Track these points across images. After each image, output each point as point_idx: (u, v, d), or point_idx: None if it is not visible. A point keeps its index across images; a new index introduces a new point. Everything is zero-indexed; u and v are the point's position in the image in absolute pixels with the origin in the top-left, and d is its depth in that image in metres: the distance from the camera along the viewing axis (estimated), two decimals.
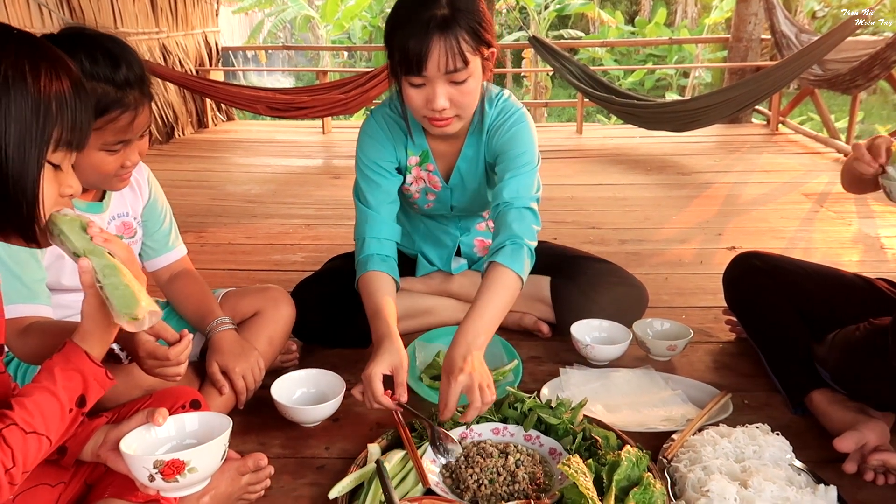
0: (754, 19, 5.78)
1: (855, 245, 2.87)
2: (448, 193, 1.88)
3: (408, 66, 1.50)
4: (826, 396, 1.53)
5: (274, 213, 3.43)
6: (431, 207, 1.93)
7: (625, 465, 1.21)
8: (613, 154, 4.83)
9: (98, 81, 1.22)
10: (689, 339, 1.82)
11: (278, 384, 1.58)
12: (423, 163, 1.82)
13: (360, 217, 1.79)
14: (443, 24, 1.47)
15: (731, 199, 3.65)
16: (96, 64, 1.22)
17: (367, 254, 1.73)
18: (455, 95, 1.54)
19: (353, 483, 1.27)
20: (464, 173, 1.85)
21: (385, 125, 1.78)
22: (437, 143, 1.80)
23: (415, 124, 1.76)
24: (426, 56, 1.47)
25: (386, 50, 1.57)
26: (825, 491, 1.22)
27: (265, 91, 5.22)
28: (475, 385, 1.35)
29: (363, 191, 1.79)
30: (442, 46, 1.47)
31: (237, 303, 1.71)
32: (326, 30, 13.10)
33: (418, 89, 1.54)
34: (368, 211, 1.77)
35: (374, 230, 1.76)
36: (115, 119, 1.25)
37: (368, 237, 1.75)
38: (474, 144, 1.81)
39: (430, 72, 1.49)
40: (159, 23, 5.39)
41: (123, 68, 1.26)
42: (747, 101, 4.51)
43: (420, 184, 1.86)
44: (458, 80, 1.52)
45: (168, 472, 0.97)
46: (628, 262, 2.63)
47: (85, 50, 1.23)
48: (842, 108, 7.82)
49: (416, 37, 1.46)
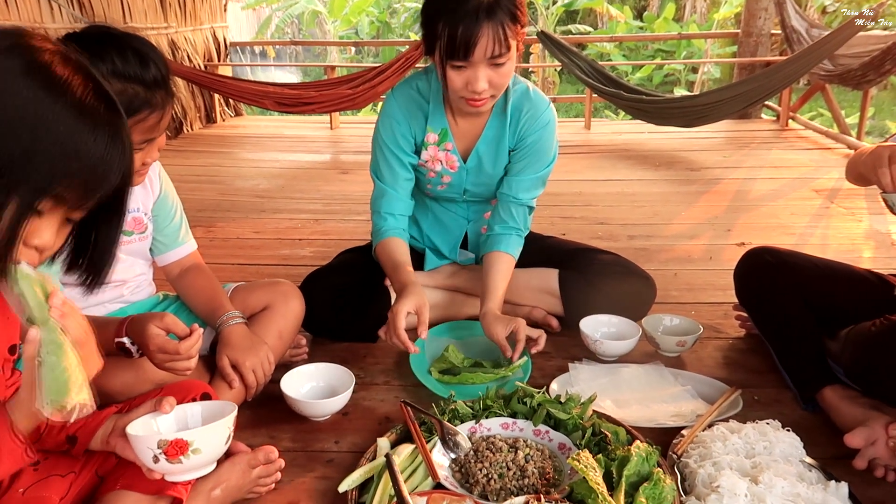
0: (764, 14, 5.73)
1: (866, 241, 2.85)
2: (464, 175, 1.90)
3: (454, 51, 1.57)
4: (837, 392, 1.52)
5: (282, 208, 3.44)
6: (444, 189, 1.94)
7: (635, 460, 1.21)
8: (622, 149, 4.81)
9: (129, 82, 1.22)
10: (699, 334, 1.82)
11: (288, 378, 1.58)
12: (441, 141, 1.84)
13: (377, 192, 1.90)
14: (489, 11, 1.54)
15: (741, 195, 3.63)
16: (127, 64, 1.22)
17: (383, 227, 1.87)
18: (494, 77, 1.63)
19: (363, 477, 1.27)
20: (482, 155, 1.87)
21: (404, 103, 1.83)
22: (458, 122, 1.84)
23: (437, 102, 1.82)
24: (474, 43, 1.55)
25: (424, 31, 1.65)
26: (836, 487, 1.21)
27: (273, 86, 5.22)
28: (519, 324, 1.68)
29: (380, 167, 1.88)
30: (490, 34, 1.54)
31: (247, 297, 1.71)
32: (334, 25, 13.09)
33: (459, 71, 1.62)
34: (384, 187, 1.88)
35: (390, 206, 1.87)
36: (144, 119, 1.26)
37: (384, 212, 1.87)
38: (496, 126, 1.84)
39: (476, 57, 1.57)
40: (168, 18, 5.39)
41: (152, 68, 1.26)
42: (757, 97, 4.48)
43: (436, 164, 1.88)
44: (500, 62, 1.60)
45: (172, 452, 0.97)
46: (637, 257, 2.60)
47: (116, 49, 1.23)
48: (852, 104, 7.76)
49: (465, 24, 1.54)
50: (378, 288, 1.95)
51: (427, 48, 1.68)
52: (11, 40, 0.80)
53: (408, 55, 5.18)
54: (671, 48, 11.49)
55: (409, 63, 5.19)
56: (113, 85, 1.20)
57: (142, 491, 1.04)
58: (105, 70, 1.20)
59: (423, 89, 1.83)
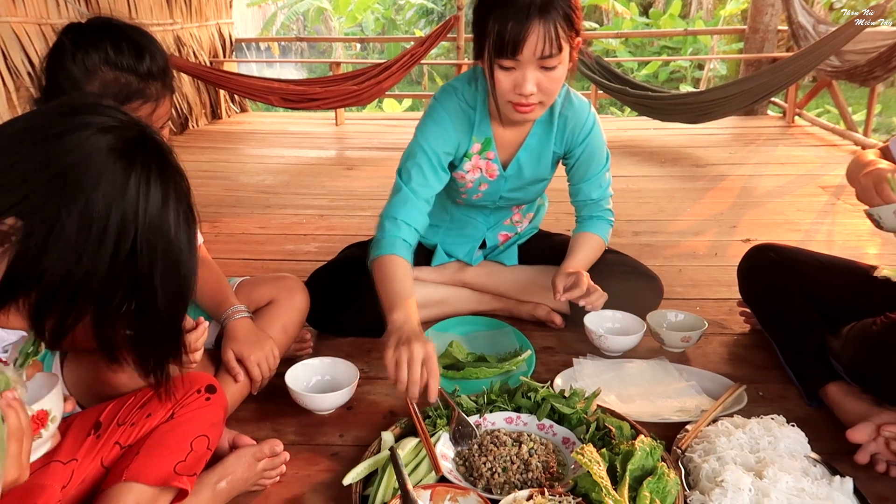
0: (771, 10, 5.71)
1: (872, 238, 2.84)
2: (502, 182, 1.88)
3: (502, 48, 1.52)
4: (841, 388, 1.52)
5: (287, 204, 3.44)
6: (480, 198, 1.93)
7: (639, 454, 1.21)
8: (627, 146, 4.80)
9: (122, 71, 1.23)
10: (703, 330, 1.81)
11: (292, 372, 1.59)
12: (483, 150, 1.82)
13: (398, 197, 1.74)
14: (542, 8, 1.50)
15: (746, 192, 3.62)
16: (121, 54, 1.23)
17: (393, 235, 1.69)
18: (543, 82, 1.57)
19: (367, 470, 1.28)
20: (523, 163, 1.86)
21: (455, 114, 1.77)
22: (502, 130, 1.81)
23: (483, 111, 1.77)
24: (524, 39, 1.50)
25: (474, 32, 1.60)
26: (841, 482, 1.21)
27: (278, 82, 5.22)
28: (581, 274, 1.72)
29: (410, 171, 1.75)
30: (540, 31, 1.50)
31: (252, 291, 1.72)
32: (339, 22, 13.10)
33: (507, 72, 1.57)
34: (409, 193, 1.73)
35: (410, 215, 1.71)
36: (136, 109, 1.26)
37: (401, 220, 1.70)
38: (539, 134, 1.83)
39: (525, 56, 1.52)
40: (174, 14, 5.40)
41: (147, 59, 1.27)
42: (763, 93, 4.46)
43: (476, 172, 1.85)
44: (550, 65, 1.55)
45: (34, 425, 0.92)
46: (642, 253, 2.61)
47: (111, 39, 1.25)
48: (859, 101, 7.71)
49: (516, 19, 1.49)
50: None
51: (476, 50, 1.62)
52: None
53: (413, 51, 5.18)
54: (677, 45, 11.45)
55: (414, 59, 5.19)
56: (105, 74, 1.22)
57: (147, 482, 1.05)
58: (97, 58, 1.21)
59: (470, 99, 1.77)
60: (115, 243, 0.78)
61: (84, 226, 0.76)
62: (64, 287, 0.77)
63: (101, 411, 1.14)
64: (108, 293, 0.80)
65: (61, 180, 0.75)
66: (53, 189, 0.75)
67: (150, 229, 0.79)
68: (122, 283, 0.80)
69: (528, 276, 2.03)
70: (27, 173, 0.76)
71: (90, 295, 0.79)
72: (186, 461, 1.09)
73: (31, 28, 3.77)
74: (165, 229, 0.81)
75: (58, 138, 0.77)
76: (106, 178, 0.77)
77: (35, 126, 0.80)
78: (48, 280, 0.76)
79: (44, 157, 0.76)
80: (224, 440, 1.28)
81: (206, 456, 1.14)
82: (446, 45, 10.09)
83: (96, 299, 0.80)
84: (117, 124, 0.81)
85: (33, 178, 0.75)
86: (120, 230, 0.77)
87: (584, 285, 1.71)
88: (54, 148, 0.76)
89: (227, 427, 1.34)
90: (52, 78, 1.25)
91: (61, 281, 0.77)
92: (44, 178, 0.76)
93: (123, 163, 0.79)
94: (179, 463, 1.08)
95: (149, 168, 0.80)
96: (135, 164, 0.79)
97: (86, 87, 1.22)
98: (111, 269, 0.78)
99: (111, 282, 0.79)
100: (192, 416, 1.13)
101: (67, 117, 0.80)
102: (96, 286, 0.79)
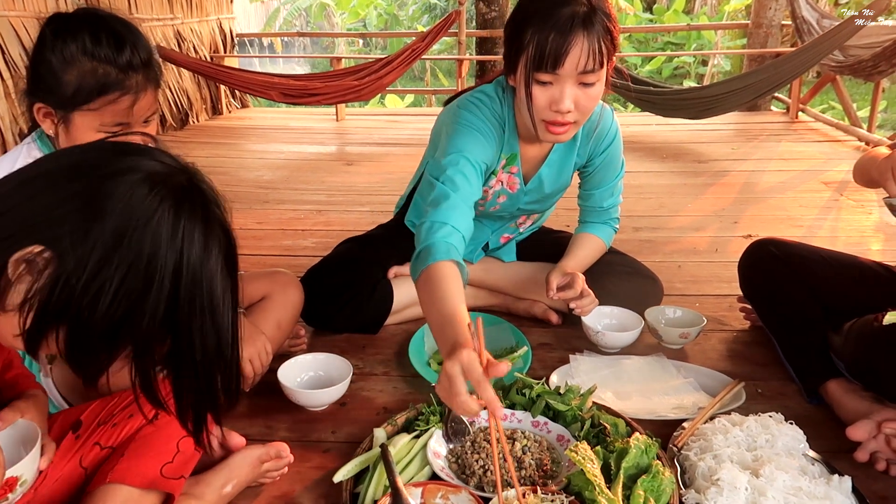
0: (775, 5, 5.67)
1: (875, 234, 2.81)
2: (521, 196, 1.86)
3: (542, 61, 1.45)
4: (841, 386, 1.50)
5: (286, 199, 3.43)
6: (497, 210, 1.90)
7: (633, 452, 1.19)
8: (629, 141, 4.71)
9: (99, 62, 1.21)
10: (702, 326, 1.79)
11: (285, 368, 1.57)
12: (508, 165, 1.78)
13: (447, 203, 1.49)
14: (585, 21, 1.44)
15: (749, 187, 3.59)
16: (98, 44, 1.21)
17: (446, 242, 1.41)
18: (581, 99, 1.51)
19: (358, 467, 1.26)
20: (544, 178, 1.83)
21: (489, 126, 1.66)
22: (527, 146, 1.77)
23: (511, 127, 1.70)
24: (566, 52, 1.43)
25: (509, 43, 1.53)
26: (839, 481, 1.19)
27: (279, 77, 5.21)
28: (577, 275, 1.72)
29: (455, 179, 1.54)
30: (584, 44, 1.44)
31: (245, 286, 1.69)
32: (342, 18, 13.08)
33: (545, 88, 1.50)
34: (458, 199, 1.51)
35: (458, 219, 1.47)
36: (115, 101, 1.24)
37: (451, 224, 1.45)
38: (562, 150, 1.79)
39: (567, 69, 1.46)
40: (174, 9, 5.38)
41: (127, 51, 1.25)
42: (766, 88, 4.43)
43: (497, 186, 1.82)
44: (589, 81, 1.49)
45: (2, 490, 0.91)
46: (642, 249, 2.59)
47: (90, 29, 1.23)
48: (864, 97, 7.67)
49: (558, 31, 1.43)
50: (379, 281, 1.93)
51: (509, 65, 1.55)
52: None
53: (414, 46, 5.15)
54: (681, 41, 11.39)
55: (416, 55, 5.17)
56: (82, 64, 1.20)
57: (134, 484, 1.03)
58: (75, 48, 1.20)
59: (499, 113, 1.69)
60: (158, 290, 0.77)
61: (126, 269, 0.75)
62: (100, 328, 0.77)
63: (83, 410, 1.12)
64: (147, 341, 0.80)
65: (103, 222, 0.75)
66: (97, 230, 0.75)
67: (192, 280, 0.79)
68: (162, 332, 0.79)
69: (525, 273, 2.01)
70: (70, 212, 0.75)
71: (128, 339, 0.79)
72: (174, 463, 1.07)
73: (30, 22, 3.75)
74: (207, 280, 0.80)
75: (105, 180, 0.77)
76: (151, 224, 0.76)
77: (84, 163, 0.80)
78: (84, 318, 0.76)
79: (88, 196, 0.76)
80: (213, 437, 1.26)
81: (194, 457, 1.12)
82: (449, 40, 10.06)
83: (134, 345, 0.80)
84: (166, 170, 0.80)
85: (74, 217, 0.75)
86: (160, 274, 0.77)
87: (578, 288, 1.69)
88: (102, 189, 0.76)
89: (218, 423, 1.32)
90: (34, 68, 1.23)
91: (98, 321, 0.76)
92: (86, 216, 0.75)
93: (170, 210, 0.78)
94: (166, 465, 1.06)
95: (195, 217, 0.80)
96: (181, 212, 0.78)
97: (63, 77, 1.20)
98: (150, 317, 0.77)
99: (150, 330, 0.78)
100: None
101: (117, 157, 0.79)
102: (135, 332, 0.78)
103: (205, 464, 1.22)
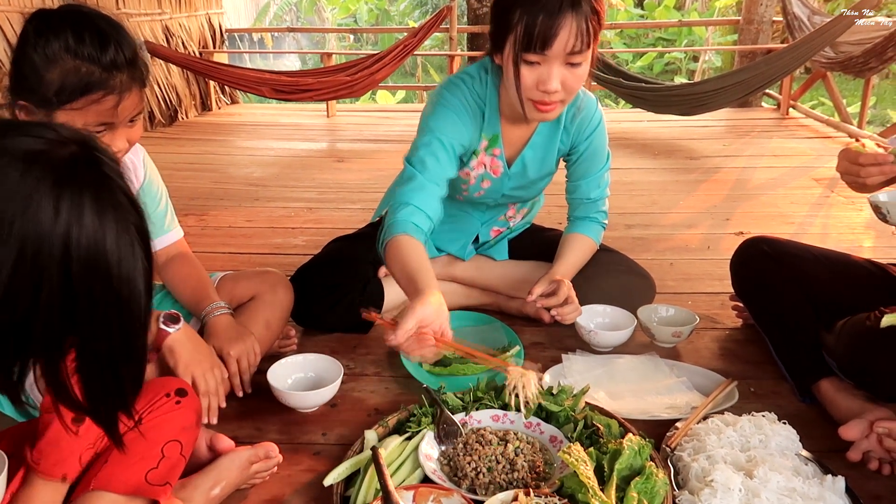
0: (766, 1, 5.68)
1: (867, 231, 2.82)
2: (506, 181, 1.84)
3: (531, 42, 1.46)
4: (834, 384, 1.49)
5: (276, 197, 3.40)
6: (482, 195, 1.88)
7: (627, 453, 1.18)
8: (620, 138, 4.76)
9: (82, 60, 1.18)
10: (695, 325, 1.79)
11: (275, 369, 1.55)
12: (490, 147, 1.77)
13: (411, 184, 1.62)
14: (574, 1, 1.45)
15: (740, 184, 3.59)
16: (81, 43, 1.18)
17: (405, 219, 1.56)
18: (568, 79, 1.52)
19: (349, 470, 1.24)
20: (528, 161, 1.82)
21: (466, 106, 1.70)
22: (509, 127, 1.76)
23: (493, 107, 1.71)
24: (555, 34, 1.45)
25: (495, 23, 1.54)
26: (833, 481, 1.18)
27: (269, 73, 5.17)
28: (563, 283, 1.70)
29: (425, 160, 1.63)
30: (572, 25, 1.45)
31: (234, 286, 1.68)
32: (332, 13, 13.00)
33: (532, 68, 1.51)
34: (424, 181, 1.62)
35: (425, 202, 1.60)
36: (98, 101, 1.21)
37: (414, 204, 1.58)
38: (546, 132, 1.78)
39: (555, 50, 1.47)
40: (162, 4, 5.33)
41: (111, 50, 1.21)
42: (757, 85, 4.44)
43: (480, 169, 1.81)
44: (576, 62, 1.50)
45: None
46: (634, 246, 2.59)
47: (73, 27, 1.20)
48: (854, 93, 7.69)
49: (547, 12, 1.44)
50: (370, 280, 1.92)
51: (495, 43, 1.56)
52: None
53: (406, 42, 5.13)
54: (672, 36, 11.40)
55: (408, 50, 5.14)
56: (65, 62, 1.18)
57: (118, 491, 1.01)
58: (57, 47, 1.17)
59: (480, 94, 1.71)
60: (48, 283, 0.68)
61: (11, 269, 0.67)
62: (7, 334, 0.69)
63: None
64: (50, 341, 0.72)
65: None
66: None
67: (85, 266, 0.69)
68: (62, 325, 0.71)
69: (518, 272, 2.00)
70: None
71: (32, 344, 0.71)
72: (159, 469, 1.05)
73: (14, 17, 3.70)
74: (104, 263, 0.70)
75: None
76: (28, 211, 0.67)
77: None
78: None
79: None
80: (201, 441, 1.24)
81: (180, 463, 1.10)
82: (440, 36, 10.03)
83: (37, 348, 0.72)
84: (45, 146, 0.70)
85: None
86: (47, 265, 0.68)
87: (562, 296, 1.69)
88: None
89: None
90: (17, 66, 1.20)
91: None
92: None
93: (51, 190, 0.68)
94: (151, 471, 1.04)
95: (83, 193, 0.69)
96: (63, 190, 0.68)
97: (46, 75, 1.17)
98: (47, 310, 0.69)
99: (50, 324, 0.70)
100: (162, 421, 1.08)
101: None
102: (36, 334, 0.70)
103: (193, 466, 1.20)
